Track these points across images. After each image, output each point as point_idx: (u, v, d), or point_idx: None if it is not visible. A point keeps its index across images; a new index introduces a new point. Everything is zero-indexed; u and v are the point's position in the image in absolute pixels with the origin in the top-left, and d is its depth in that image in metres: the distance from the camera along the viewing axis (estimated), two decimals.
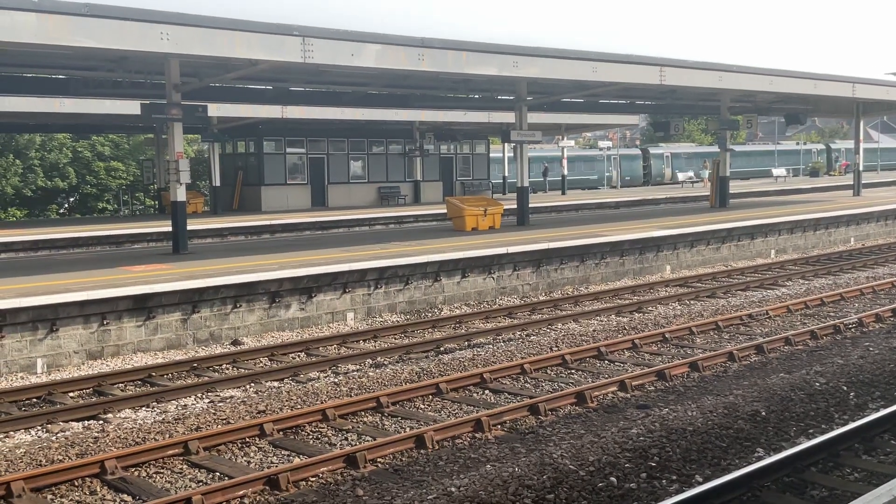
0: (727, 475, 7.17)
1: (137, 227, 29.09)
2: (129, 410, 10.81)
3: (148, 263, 17.29)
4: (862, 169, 38.93)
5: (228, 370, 12.89)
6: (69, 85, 22.90)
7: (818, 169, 70.92)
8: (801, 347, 13.13)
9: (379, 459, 8.53)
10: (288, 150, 38.26)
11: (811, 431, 8.85)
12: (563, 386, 11.31)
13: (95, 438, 9.38)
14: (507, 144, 46.55)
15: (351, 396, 10.78)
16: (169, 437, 9.33)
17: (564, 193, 48.75)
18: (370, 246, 20.05)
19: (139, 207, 48.77)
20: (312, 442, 9.36)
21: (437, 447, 8.88)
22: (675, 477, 7.63)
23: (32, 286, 13.96)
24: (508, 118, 30.55)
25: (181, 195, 19.00)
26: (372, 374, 12.10)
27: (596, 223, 25.80)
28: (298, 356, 13.70)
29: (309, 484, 8.00)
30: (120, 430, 9.72)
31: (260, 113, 33.38)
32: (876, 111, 42.25)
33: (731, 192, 33.62)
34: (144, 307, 13.86)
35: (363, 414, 10.20)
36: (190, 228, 21.30)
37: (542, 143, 51.23)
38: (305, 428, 9.70)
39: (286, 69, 20.43)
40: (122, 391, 11.79)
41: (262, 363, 13.28)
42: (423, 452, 8.74)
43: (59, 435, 9.79)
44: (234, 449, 9.11)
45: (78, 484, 8.15)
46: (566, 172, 50.30)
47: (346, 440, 9.38)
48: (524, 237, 21.11)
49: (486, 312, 16.69)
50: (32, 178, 47.77)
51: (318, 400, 10.73)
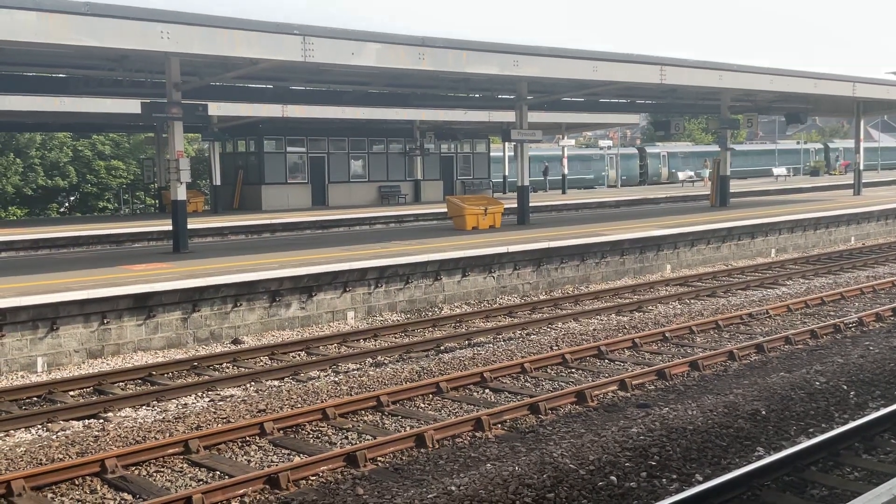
0: (727, 474, 7.17)
1: (138, 226, 29.10)
2: (129, 409, 10.81)
3: (148, 262, 17.30)
4: (862, 168, 38.93)
5: (229, 369, 12.89)
6: (69, 84, 22.92)
7: (818, 168, 70.93)
8: (801, 346, 13.13)
9: (379, 458, 8.53)
10: (288, 149, 38.25)
11: (811, 430, 8.85)
12: (563, 385, 11.31)
13: (96, 437, 9.39)
14: (507, 143, 46.64)
15: (351, 395, 10.79)
16: (169, 435, 9.34)
17: (565, 193, 48.76)
18: (370, 245, 20.06)
19: (139, 206, 48.76)
20: (313, 441, 9.36)
21: (437, 446, 8.88)
22: (675, 476, 7.63)
23: (33, 285, 13.97)
24: (509, 117, 30.55)
25: (181, 194, 19.02)
26: (372, 373, 12.10)
27: (596, 222, 25.80)
28: (299, 355, 13.70)
29: (309, 483, 8.00)
30: (120, 428, 9.73)
31: (260, 112, 33.40)
32: (876, 110, 42.25)
33: (731, 191, 33.64)
34: (145, 306, 13.87)
35: (363, 413, 10.21)
36: (190, 227, 21.30)
37: (542, 142, 51.18)
38: (306, 427, 9.71)
39: (286, 68, 20.44)
40: (122, 390, 11.79)
41: (262, 362, 13.29)
42: (423, 451, 8.74)
43: (59, 434, 9.80)
44: (234, 448, 9.11)
45: (78, 483, 8.16)
46: (566, 171, 50.32)
47: (346, 439, 9.38)
48: (524, 236, 21.11)
49: (486, 311, 16.69)
50: (33, 176, 47.77)
51: (318, 399, 10.73)
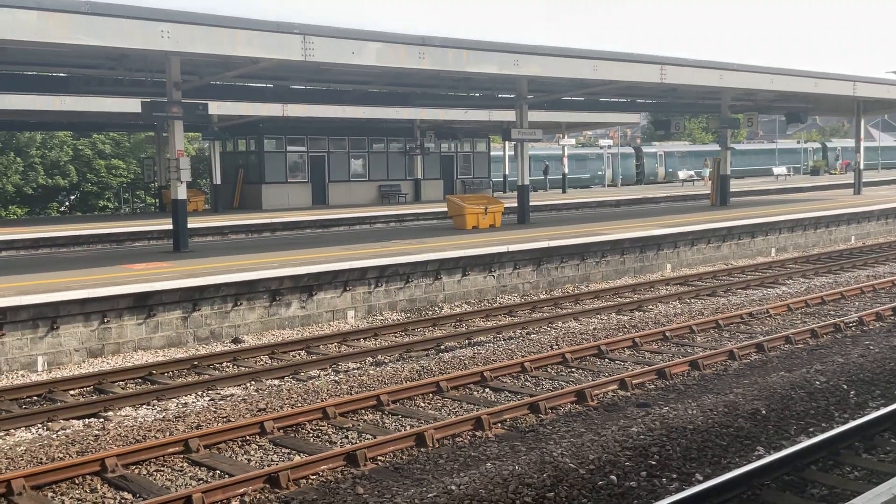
0: (727, 474, 7.17)
1: (138, 225, 29.11)
2: (129, 408, 10.81)
3: (148, 261, 17.30)
4: (862, 167, 38.92)
5: (229, 368, 12.89)
6: (70, 83, 22.93)
7: (818, 167, 70.92)
8: (801, 346, 13.13)
9: (379, 457, 8.53)
10: (289, 148, 38.25)
11: (811, 430, 8.85)
12: (563, 384, 11.31)
13: (96, 436, 9.39)
14: (507, 143, 46.66)
15: (351, 394, 10.79)
16: (169, 435, 9.34)
17: (565, 192, 48.76)
18: (371, 244, 20.06)
19: (140, 205, 48.76)
20: (313, 440, 9.37)
21: (437, 445, 8.88)
22: (675, 475, 7.63)
23: (33, 284, 13.98)
24: (509, 116, 30.54)
25: (182, 193, 19.03)
26: (372, 372, 12.10)
27: (596, 221, 25.80)
28: (299, 354, 13.70)
29: (309, 482, 8.01)
30: (120, 427, 9.73)
31: (261, 111, 33.40)
32: (877, 109, 42.25)
33: (731, 190, 33.63)
34: (145, 305, 13.87)
35: (363, 412, 10.21)
36: (190, 226, 21.31)
37: (542, 141, 51.19)
38: (306, 426, 9.71)
39: (287, 67, 20.43)
40: (122, 389, 11.80)
41: (262, 361, 13.29)
42: (423, 451, 8.75)
43: (59, 433, 9.80)
44: (234, 447, 9.12)
45: (78, 482, 8.16)
46: (566, 171, 50.33)
47: (346, 438, 9.39)
48: (525, 235, 21.12)
49: (486, 311, 16.69)
50: (33, 175, 47.76)
51: (318, 398, 10.74)
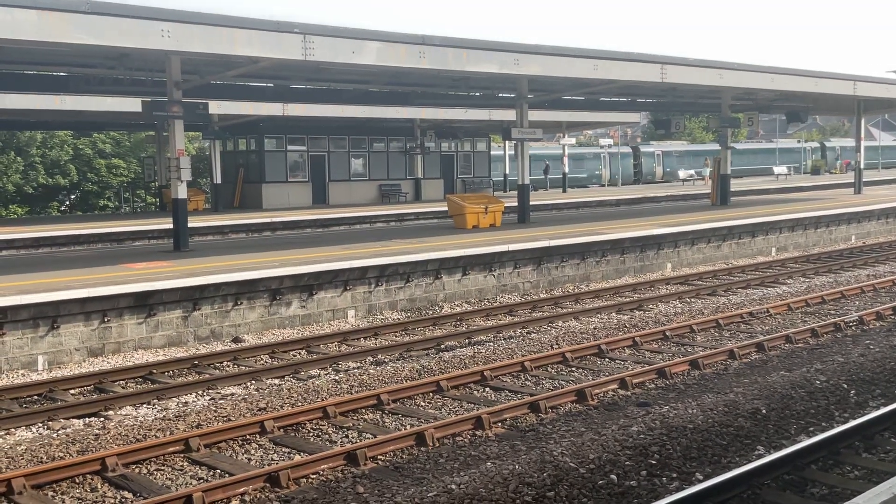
0: (727, 473, 7.18)
1: (138, 224, 29.11)
2: (130, 407, 10.82)
3: (149, 261, 17.30)
4: (863, 167, 38.92)
5: (229, 367, 12.89)
6: (70, 82, 22.93)
7: (819, 167, 70.90)
8: (801, 345, 13.13)
9: (379, 457, 8.53)
10: (289, 147, 38.25)
11: (812, 429, 8.86)
12: (563, 384, 11.32)
13: (96, 435, 9.39)
14: (507, 142, 46.65)
15: (351, 394, 10.79)
16: (170, 434, 9.35)
17: (565, 191, 48.75)
18: (371, 243, 20.06)
19: (140, 205, 48.77)
20: (313, 439, 9.37)
21: (437, 444, 8.88)
22: (675, 475, 7.63)
23: (33, 283, 13.98)
24: (509, 116, 30.53)
25: (182, 192, 19.03)
26: (373, 371, 12.10)
27: (597, 221, 25.80)
28: (299, 353, 13.71)
29: (309, 481, 8.01)
30: (121, 427, 9.73)
31: (261, 110, 33.41)
32: (877, 109, 42.26)
33: (731, 189, 33.62)
34: (145, 304, 13.87)
35: (364, 411, 10.21)
36: (191, 226, 21.31)
37: (542, 140, 51.20)
38: (306, 425, 9.71)
39: (287, 66, 20.44)
40: (123, 388, 11.80)
41: (262, 360, 13.30)
42: (423, 450, 8.75)
43: (60, 432, 9.80)
44: (234, 446, 9.12)
45: (79, 481, 8.16)
46: (567, 170, 50.30)
47: (346, 437, 9.39)
48: (525, 235, 21.12)
49: (486, 310, 16.69)
50: (34, 175, 47.75)
51: (318, 397, 10.74)
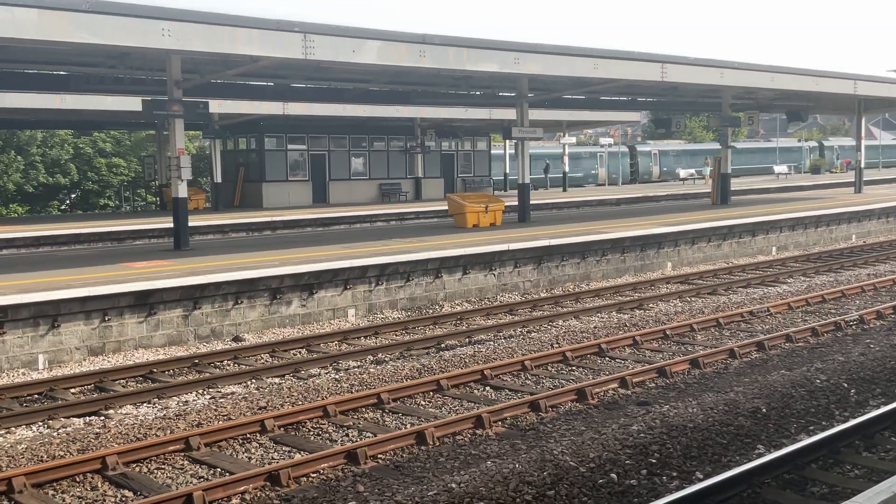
0: (728, 472, 7.17)
1: (139, 223, 29.11)
2: (130, 406, 10.82)
3: (149, 260, 17.30)
4: (863, 166, 38.91)
5: (229, 366, 12.89)
6: (70, 81, 22.92)
7: (819, 166, 70.88)
8: (802, 344, 13.13)
9: (380, 455, 8.53)
10: (289, 146, 38.25)
11: (812, 428, 8.86)
12: (563, 382, 11.31)
13: (97, 434, 9.40)
14: (508, 141, 46.64)
15: (352, 393, 10.79)
16: (170, 433, 9.35)
17: (566, 190, 48.74)
18: (371, 242, 20.06)
19: (140, 204, 48.77)
20: (313, 438, 9.37)
21: (437, 443, 8.89)
22: (675, 474, 7.64)
23: (34, 282, 13.98)
24: (509, 115, 30.54)
25: (182, 191, 19.04)
26: (373, 370, 12.11)
27: (597, 220, 25.80)
28: (299, 352, 13.71)
29: (310, 480, 8.01)
30: (121, 426, 9.73)
31: (261, 109, 33.42)
32: (877, 108, 42.24)
33: (732, 188, 33.60)
34: (146, 303, 13.87)
35: (364, 410, 10.21)
36: (191, 225, 21.31)
37: (542, 139, 51.17)
38: (306, 424, 9.71)
39: (287, 65, 20.43)
40: (123, 387, 11.80)
41: (263, 359, 13.30)
42: (423, 449, 8.75)
43: (60, 431, 9.80)
44: (235, 445, 9.12)
45: (79, 480, 8.17)
46: (567, 169, 50.27)
47: (346, 436, 9.39)
48: (525, 234, 21.12)
49: (487, 309, 16.69)
50: (34, 174, 47.75)
51: (318, 396, 10.74)
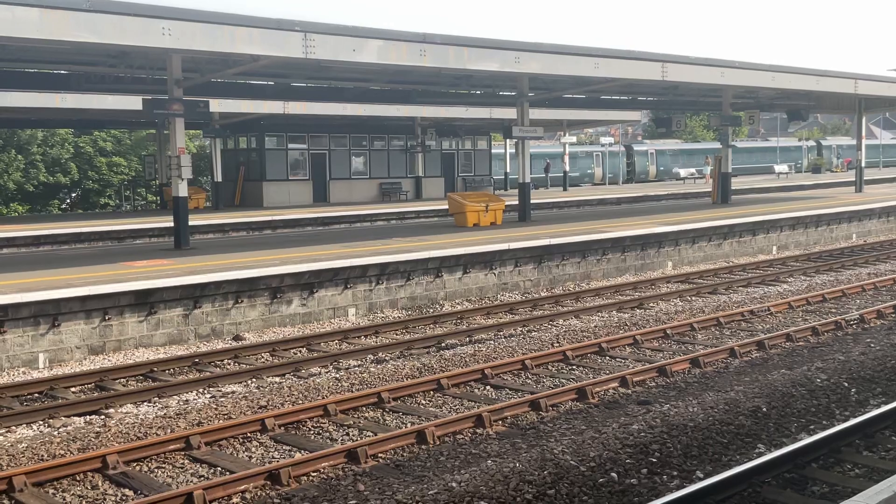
0: (728, 471, 7.18)
1: (139, 222, 29.11)
2: (130, 405, 10.82)
3: (150, 259, 17.31)
4: (864, 165, 38.91)
5: (230, 365, 12.90)
6: (71, 80, 22.91)
7: (820, 165, 70.87)
8: (802, 344, 13.13)
9: (380, 454, 8.54)
10: (290, 145, 38.26)
11: (812, 427, 8.86)
12: (564, 382, 11.31)
13: (97, 433, 9.40)
14: (508, 140, 46.62)
15: (352, 392, 10.79)
16: (170, 431, 9.35)
17: (566, 190, 48.74)
18: (372, 242, 20.06)
19: (141, 203, 48.74)
20: (314, 437, 9.37)
21: (438, 442, 8.89)
22: (675, 473, 7.64)
23: (34, 281, 13.98)
24: (510, 114, 30.54)
25: (183, 191, 19.04)
26: (373, 369, 12.11)
27: (597, 219, 25.81)
28: (300, 351, 13.71)
29: (310, 479, 8.01)
30: (121, 424, 9.74)
31: (262, 108, 33.41)
32: (878, 107, 42.27)
33: (732, 188, 33.59)
34: (146, 302, 13.88)
35: (364, 409, 10.21)
36: (191, 224, 21.32)
37: (543, 138, 51.14)
38: (307, 423, 9.72)
39: (288, 65, 20.43)
40: (123, 386, 11.80)
41: (263, 358, 13.30)
42: (424, 448, 8.75)
43: (60, 430, 9.81)
44: (235, 444, 9.12)
45: (80, 478, 8.17)
46: (567, 168, 50.24)
47: (347, 435, 9.39)
48: (525, 233, 21.12)
49: (487, 308, 16.69)
50: (34, 173, 47.74)
51: (319, 395, 10.74)
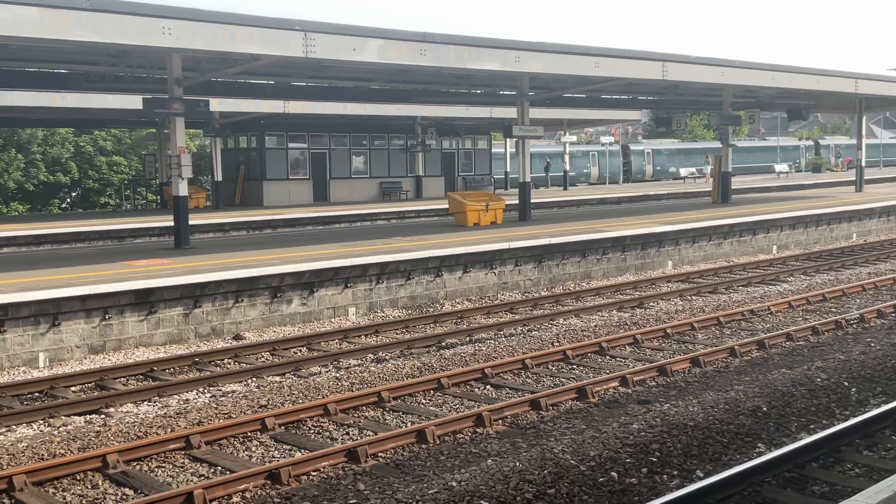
0: (728, 470, 7.18)
1: (139, 221, 29.10)
2: (130, 405, 10.82)
3: (150, 258, 17.31)
4: (864, 165, 38.90)
5: (230, 365, 12.90)
6: (71, 79, 22.89)
7: (820, 164, 70.87)
8: (802, 343, 13.13)
9: (380, 454, 8.54)
10: (290, 144, 38.24)
11: (812, 427, 8.86)
12: (564, 381, 11.31)
13: (97, 432, 9.40)
14: (508, 140, 46.62)
15: (352, 391, 10.80)
16: (171, 431, 9.35)
17: (566, 189, 48.74)
18: (372, 241, 20.06)
19: (141, 202, 48.73)
20: (314, 436, 9.37)
21: (438, 442, 8.89)
22: (675, 472, 7.64)
23: (35, 280, 13.99)
24: (510, 113, 30.54)
25: (183, 190, 19.04)
26: (373, 368, 12.11)
27: (597, 219, 25.81)
28: (300, 351, 13.71)
29: (310, 478, 8.01)
30: (122, 424, 9.74)
31: (262, 108, 33.40)
32: (878, 107, 42.28)
33: (732, 187, 33.59)
34: (146, 301, 13.88)
35: (364, 408, 10.21)
36: (192, 223, 21.33)
37: (543, 138, 51.12)
38: (307, 422, 9.72)
39: (288, 64, 20.42)
40: (123, 385, 11.81)
41: (263, 358, 13.30)
42: (424, 447, 8.75)
43: (60, 429, 9.81)
44: (235, 443, 9.13)
45: (80, 478, 8.17)
46: (567, 167, 50.26)
47: (347, 435, 9.39)
48: (526, 232, 21.12)
49: (487, 308, 16.69)
50: (35, 172, 47.73)
51: (319, 394, 10.74)
